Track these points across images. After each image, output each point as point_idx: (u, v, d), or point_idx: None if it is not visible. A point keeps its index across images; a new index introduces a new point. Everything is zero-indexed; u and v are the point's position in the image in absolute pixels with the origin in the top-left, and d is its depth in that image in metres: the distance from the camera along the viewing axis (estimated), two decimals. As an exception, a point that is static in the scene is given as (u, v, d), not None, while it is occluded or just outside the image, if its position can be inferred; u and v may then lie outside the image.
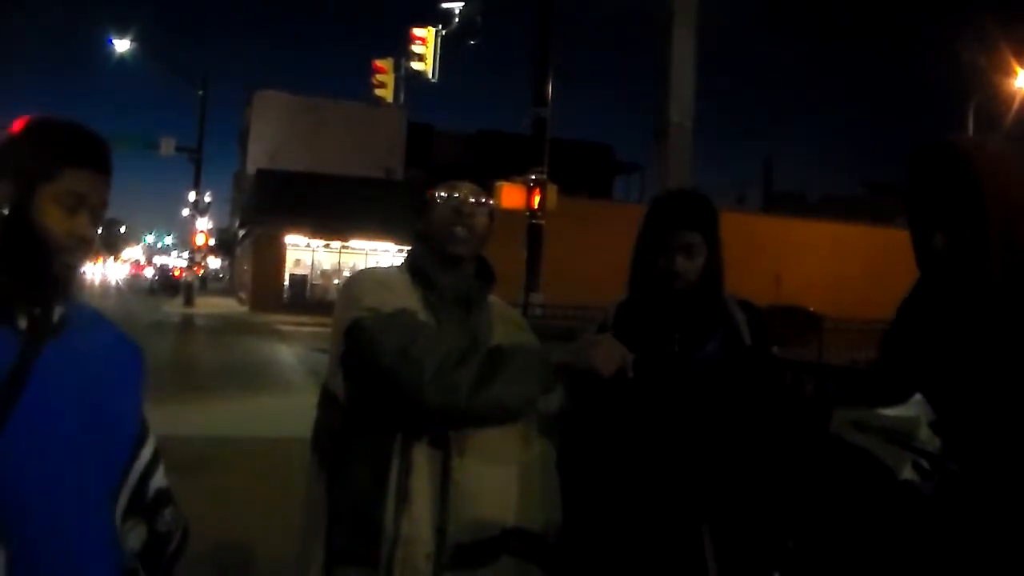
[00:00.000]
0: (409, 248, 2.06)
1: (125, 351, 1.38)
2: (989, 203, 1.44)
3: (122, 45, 31.45)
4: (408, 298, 1.86)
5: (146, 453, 1.36)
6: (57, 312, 1.23)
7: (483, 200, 1.99)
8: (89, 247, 1.25)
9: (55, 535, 1.15)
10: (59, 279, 1.22)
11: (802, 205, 43.88)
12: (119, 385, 1.32)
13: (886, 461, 1.36)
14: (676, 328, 2.10)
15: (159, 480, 1.38)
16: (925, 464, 1.34)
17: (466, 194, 1.97)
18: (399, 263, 2.04)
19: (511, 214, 12.27)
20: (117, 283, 65.20)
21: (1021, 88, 23.11)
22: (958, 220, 1.46)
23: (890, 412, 1.39)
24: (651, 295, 2.14)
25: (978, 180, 1.44)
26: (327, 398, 1.88)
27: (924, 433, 1.34)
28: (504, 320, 2.05)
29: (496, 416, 1.74)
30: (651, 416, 2.03)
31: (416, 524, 1.72)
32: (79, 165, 1.24)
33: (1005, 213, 1.44)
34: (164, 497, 1.38)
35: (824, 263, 27.32)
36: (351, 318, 1.79)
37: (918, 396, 1.40)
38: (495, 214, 2.03)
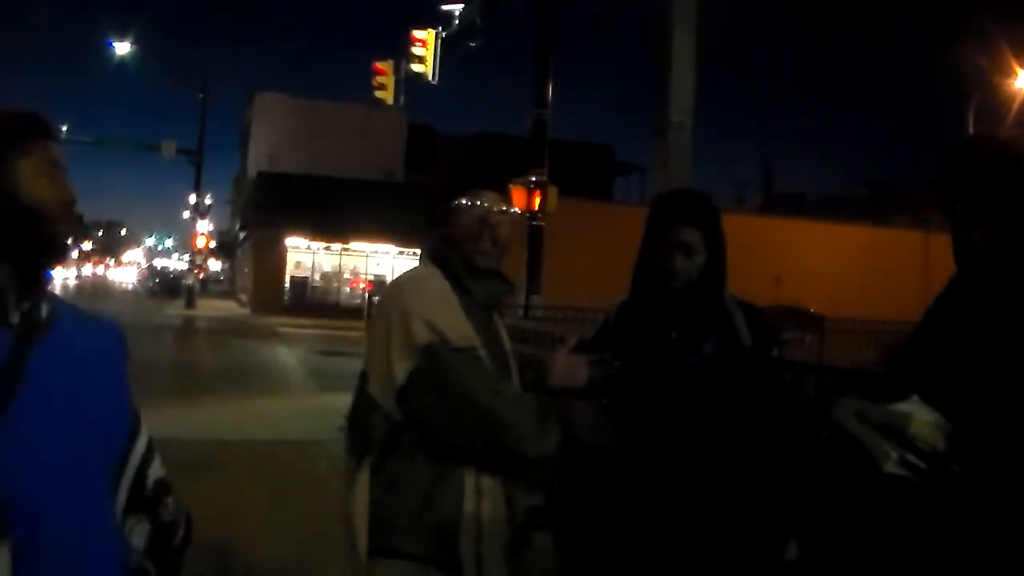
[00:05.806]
0: (433, 250, 2.03)
1: (110, 342, 1.38)
2: None
3: (122, 48, 31.41)
4: (460, 310, 1.91)
5: (140, 445, 1.36)
6: (44, 308, 1.24)
7: (507, 209, 2.01)
8: (74, 209, 1.29)
9: (57, 530, 1.15)
10: (58, 247, 1.25)
11: (802, 205, 43.82)
12: (108, 378, 1.33)
13: (872, 452, 1.36)
14: (672, 328, 2.06)
15: (156, 471, 1.38)
16: (915, 460, 1.34)
17: (491, 203, 1.98)
18: (427, 266, 2.02)
19: (511, 215, 12.26)
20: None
21: (1021, 88, 23.10)
22: (998, 213, 1.45)
23: (890, 407, 1.39)
24: (649, 294, 2.11)
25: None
26: (369, 403, 1.90)
27: (916, 428, 1.34)
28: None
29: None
30: (647, 419, 2.01)
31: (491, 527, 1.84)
32: (45, 137, 1.28)
33: None
34: (164, 487, 1.38)
35: (824, 263, 27.29)
36: (425, 343, 1.81)
37: (915, 397, 1.39)
38: (516, 221, 2.07)
